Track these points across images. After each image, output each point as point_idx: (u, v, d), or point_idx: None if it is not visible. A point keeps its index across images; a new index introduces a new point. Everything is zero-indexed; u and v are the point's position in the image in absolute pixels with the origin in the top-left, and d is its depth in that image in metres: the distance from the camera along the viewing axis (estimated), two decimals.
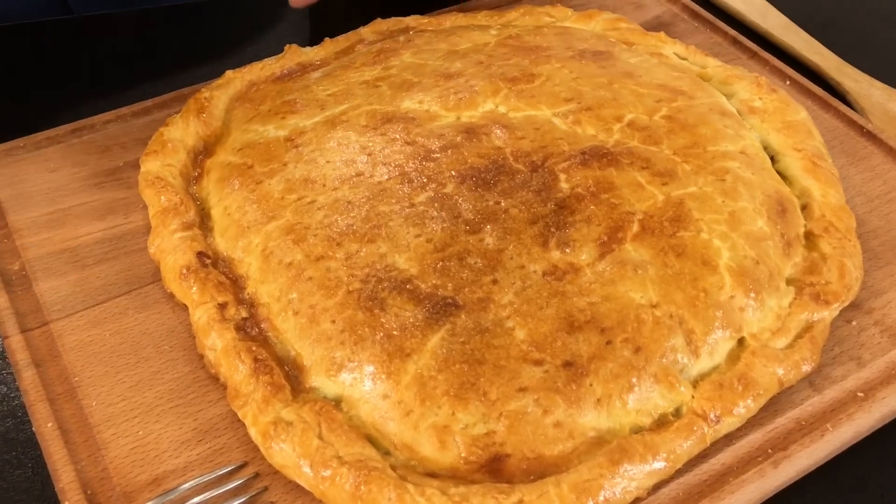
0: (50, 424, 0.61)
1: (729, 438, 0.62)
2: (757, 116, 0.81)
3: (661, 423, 0.60)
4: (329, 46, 0.89)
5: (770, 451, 0.61)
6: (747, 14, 1.06)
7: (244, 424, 0.60)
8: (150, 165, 0.75)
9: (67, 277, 0.71)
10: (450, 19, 0.93)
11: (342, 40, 0.90)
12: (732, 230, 0.68)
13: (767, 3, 1.08)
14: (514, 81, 0.79)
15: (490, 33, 0.88)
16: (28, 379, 0.63)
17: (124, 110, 0.85)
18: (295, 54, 0.87)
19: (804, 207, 0.74)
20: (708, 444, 0.60)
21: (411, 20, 0.93)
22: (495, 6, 0.99)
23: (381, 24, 0.93)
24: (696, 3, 1.04)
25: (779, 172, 0.77)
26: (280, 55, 0.88)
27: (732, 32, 0.99)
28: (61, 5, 1.04)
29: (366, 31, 0.92)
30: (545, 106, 0.77)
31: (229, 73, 0.84)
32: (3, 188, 0.78)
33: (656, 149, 0.73)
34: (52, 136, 0.83)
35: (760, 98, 0.82)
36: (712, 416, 0.60)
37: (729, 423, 0.60)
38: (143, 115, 0.85)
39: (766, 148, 0.79)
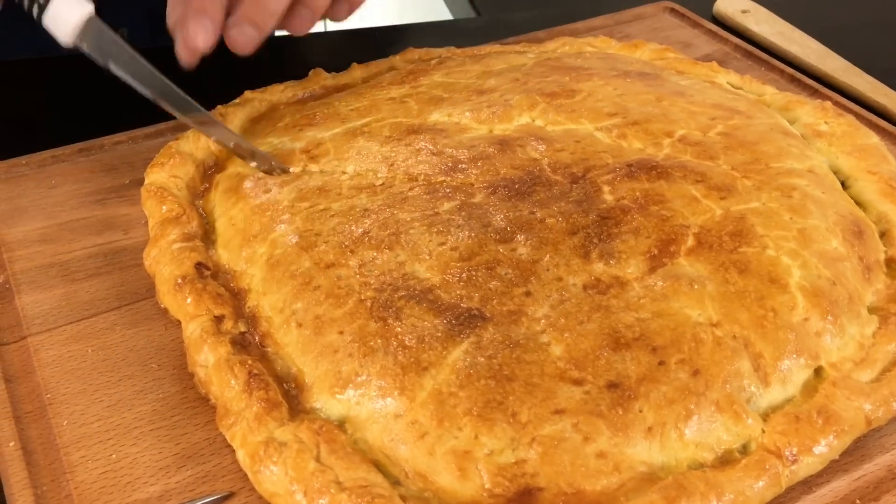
0: (12, 444, 0.53)
1: (807, 485, 0.52)
2: (824, 140, 0.73)
3: (726, 461, 0.50)
4: (356, 72, 0.84)
5: (858, 502, 0.51)
6: (804, 57, 0.99)
7: (234, 450, 0.51)
8: (155, 176, 0.69)
9: (53, 291, 0.64)
10: (485, 49, 0.88)
11: (372, 66, 0.85)
12: (803, 248, 0.59)
13: (825, 47, 1.01)
14: (552, 96, 0.73)
15: (527, 56, 0.83)
16: None
17: (137, 132, 0.80)
18: (319, 77, 0.82)
19: (883, 234, 0.65)
20: (783, 489, 0.50)
21: (444, 50, 0.88)
22: (533, 41, 0.94)
23: (412, 53, 0.88)
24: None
25: (851, 198, 0.68)
26: (304, 79, 0.82)
27: (790, 70, 0.93)
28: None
29: (397, 59, 0.87)
30: (586, 120, 0.70)
31: (248, 93, 0.79)
32: None
33: (712, 163, 0.66)
34: (57, 154, 0.77)
35: (826, 122, 0.74)
36: (788, 453, 0.50)
37: (808, 465, 0.50)
38: (155, 136, 0.80)
39: (835, 172, 0.70)
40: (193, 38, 0.66)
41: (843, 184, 0.70)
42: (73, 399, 0.56)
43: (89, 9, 0.62)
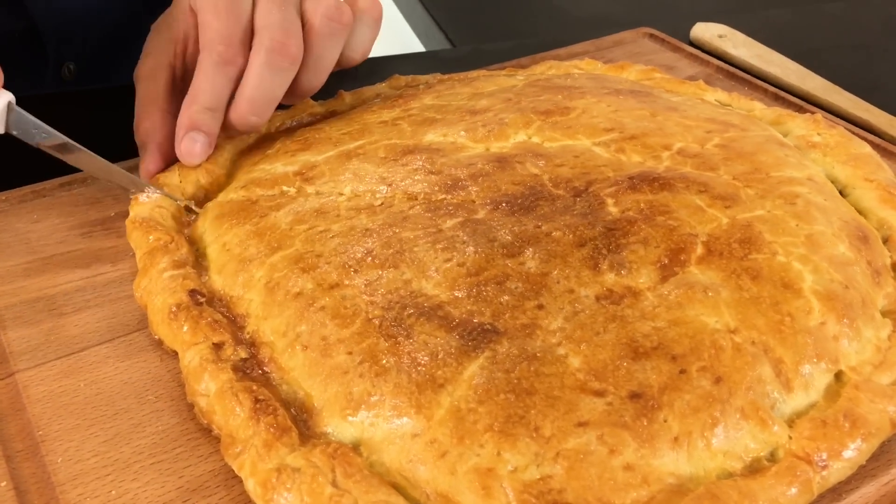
0: (3, 483, 0.50)
1: (836, 492, 0.50)
2: (818, 150, 0.73)
3: (755, 469, 0.48)
4: (345, 98, 0.83)
5: None
6: (785, 77, 1.00)
7: (241, 481, 0.49)
8: (140, 208, 0.66)
9: (40, 326, 0.61)
10: (472, 74, 0.87)
11: (359, 93, 0.84)
12: (812, 253, 0.58)
13: (804, 68, 1.02)
14: (547, 114, 0.72)
15: (517, 78, 0.82)
16: None
17: (120, 165, 0.78)
18: (307, 105, 0.81)
19: (886, 240, 0.65)
20: (815, 496, 0.48)
21: (430, 77, 0.88)
22: (517, 67, 0.93)
23: (399, 80, 0.87)
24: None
25: None
26: (291, 108, 0.81)
27: (773, 89, 0.93)
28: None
29: (383, 87, 0.86)
30: (583, 136, 0.70)
31: None
32: None
33: (713, 174, 0.65)
34: (38, 189, 0.75)
35: (819, 134, 0.74)
36: (818, 458, 0.48)
37: (838, 470, 0.49)
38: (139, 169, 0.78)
39: (832, 182, 0.70)
40: (188, 154, 0.69)
41: (840, 192, 0.69)
42: (67, 435, 0.53)
43: (7, 98, 0.63)
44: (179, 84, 0.72)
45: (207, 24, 0.67)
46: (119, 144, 0.75)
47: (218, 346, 0.55)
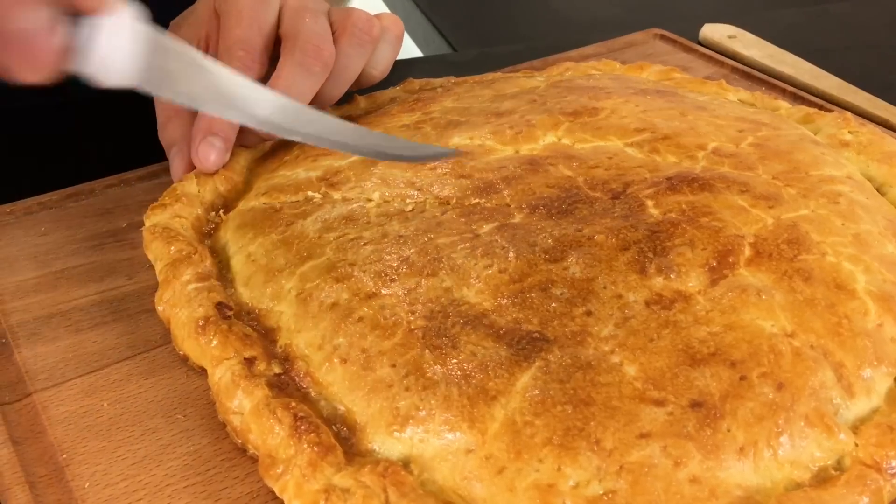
0: None
1: None
2: (851, 149, 0.71)
3: (823, 479, 0.46)
4: (360, 103, 0.81)
5: None
6: (798, 77, 0.99)
7: (282, 502, 0.46)
8: (158, 218, 0.64)
9: (57, 343, 0.58)
10: (489, 76, 0.85)
11: (373, 96, 0.82)
12: (862, 253, 0.56)
13: (816, 67, 1.01)
14: (575, 115, 0.70)
15: (537, 80, 0.80)
16: (2, 458, 0.49)
17: (129, 174, 0.75)
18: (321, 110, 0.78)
19: None
20: None
21: (443, 80, 0.85)
22: (530, 69, 0.91)
23: (412, 84, 0.85)
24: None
25: None
26: None
27: (791, 89, 0.92)
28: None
29: (398, 90, 0.84)
30: (615, 137, 0.67)
31: None
32: None
33: (752, 174, 0.63)
34: (44, 201, 0.72)
35: (851, 132, 0.73)
36: (887, 466, 0.46)
37: None
38: (149, 178, 0.75)
39: (868, 180, 0.69)
40: (205, 160, 0.66)
41: (877, 191, 0.68)
42: (93, 458, 0.50)
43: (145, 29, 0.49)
44: None
45: (229, 30, 0.67)
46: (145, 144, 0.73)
47: (250, 362, 0.52)
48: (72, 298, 0.62)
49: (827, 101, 0.93)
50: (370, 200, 0.62)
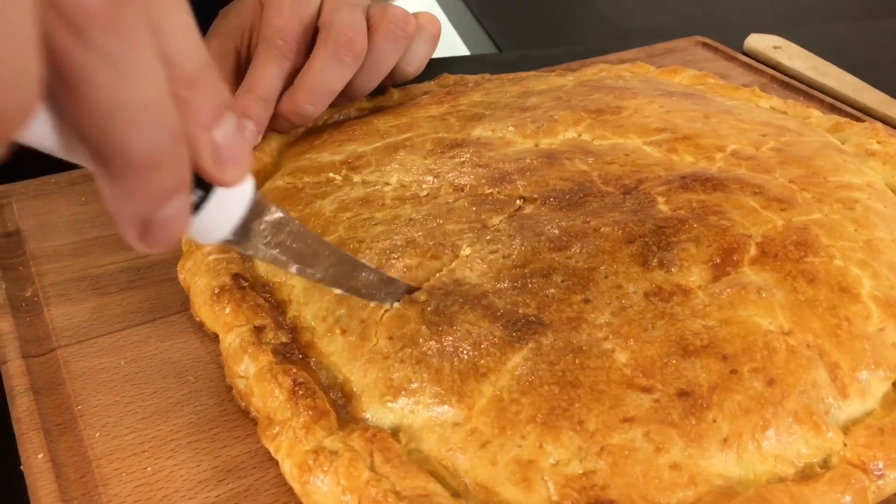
0: (41, 456, 0.49)
1: (892, 503, 0.48)
2: (877, 159, 0.71)
3: (807, 476, 0.46)
4: (394, 95, 0.83)
5: None
6: (841, 89, 0.98)
7: (277, 463, 0.48)
8: None
9: (84, 304, 0.61)
10: (522, 74, 0.86)
11: (407, 90, 0.84)
12: (872, 259, 0.56)
13: (860, 81, 1.00)
14: (598, 112, 0.71)
15: (567, 79, 0.81)
16: (22, 406, 0.52)
17: None
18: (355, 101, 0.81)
19: None
20: None
21: (478, 77, 0.87)
22: (567, 70, 0.92)
23: (447, 79, 0.87)
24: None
25: None
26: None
27: (829, 100, 0.91)
28: None
29: (432, 84, 0.86)
30: (634, 135, 0.68)
31: None
32: (28, 219, 0.70)
33: (768, 177, 0.63)
34: (87, 174, 0.75)
35: (879, 142, 0.72)
36: (873, 467, 0.46)
37: (895, 480, 0.47)
38: None
39: (892, 191, 0.68)
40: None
41: None
42: (105, 411, 0.53)
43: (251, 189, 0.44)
44: (243, 70, 0.74)
45: (270, 20, 0.70)
46: None
47: (259, 330, 0.54)
48: (102, 264, 0.65)
49: (866, 115, 0.92)
50: (388, 184, 0.64)
